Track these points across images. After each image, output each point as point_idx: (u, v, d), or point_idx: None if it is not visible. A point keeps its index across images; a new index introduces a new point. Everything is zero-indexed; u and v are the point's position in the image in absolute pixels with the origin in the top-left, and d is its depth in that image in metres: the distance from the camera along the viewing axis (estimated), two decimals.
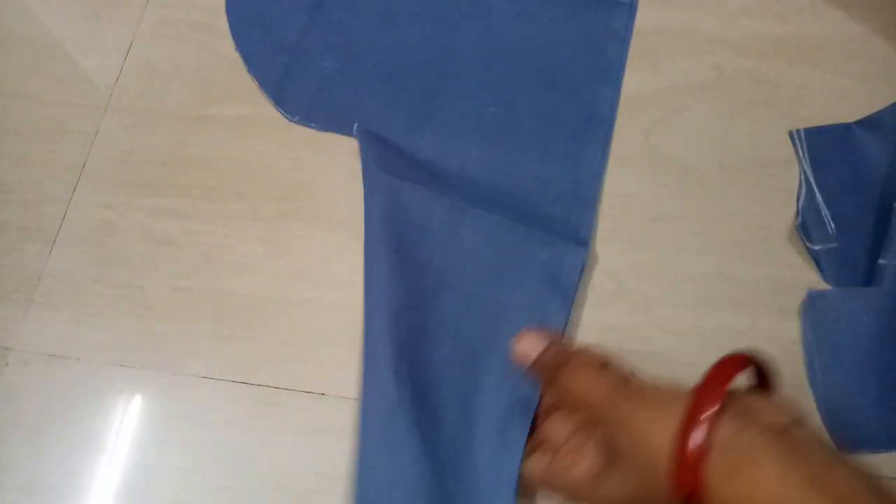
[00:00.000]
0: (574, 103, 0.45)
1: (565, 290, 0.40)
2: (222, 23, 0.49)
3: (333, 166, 0.44)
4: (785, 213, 0.42)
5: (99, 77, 0.48)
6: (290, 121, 0.45)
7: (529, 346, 0.33)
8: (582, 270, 0.40)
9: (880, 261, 0.38)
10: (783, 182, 0.42)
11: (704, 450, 0.26)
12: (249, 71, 0.47)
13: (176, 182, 0.45)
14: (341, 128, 0.45)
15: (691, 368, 0.39)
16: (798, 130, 0.43)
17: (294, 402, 0.39)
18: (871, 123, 0.42)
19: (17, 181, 0.46)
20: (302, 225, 0.43)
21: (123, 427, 0.40)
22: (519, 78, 0.46)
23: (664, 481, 0.27)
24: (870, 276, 0.39)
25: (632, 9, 0.47)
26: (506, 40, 0.47)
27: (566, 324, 0.39)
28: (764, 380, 0.30)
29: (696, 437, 0.26)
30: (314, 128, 0.45)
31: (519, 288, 0.40)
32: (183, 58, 0.48)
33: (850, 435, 0.37)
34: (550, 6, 0.47)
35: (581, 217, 0.42)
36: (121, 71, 0.48)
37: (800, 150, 0.42)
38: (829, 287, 0.39)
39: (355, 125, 0.44)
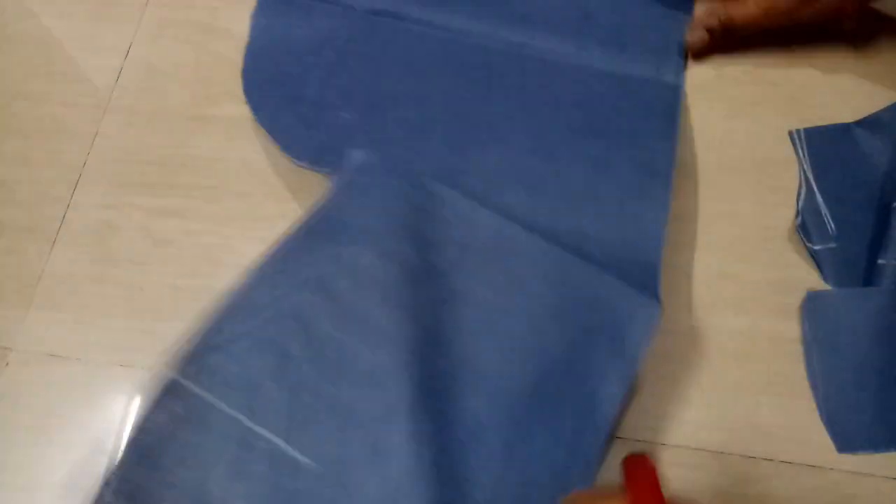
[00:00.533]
0: (626, 154, 0.40)
1: (631, 352, 0.33)
2: (222, 23, 0.49)
3: None
4: (785, 213, 0.42)
5: (99, 77, 0.48)
6: (298, 165, 0.42)
7: None
8: (653, 332, 0.34)
9: (879, 260, 0.38)
10: (783, 182, 0.42)
11: None
12: (258, 121, 0.44)
13: (176, 182, 0.45)
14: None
15: (691, 369, 0.39)
16: (798, 130, 0.43)
17: None
18: (871, 123, 0.42)
19: (17, 181, 0.46)
20: None
21: (123, 427, 0.40)
22: (561, 126, 0.41)
23: None
24: (869, 276, 0.39)
25: (677, 90, 0.43)
26: (545, 94, 0.43)
27: (625, 396, 0.33)
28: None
29: None
30: (325, 172, 0.41)
31: (575, 337, 0.33)
32: (183, 58, 0.48)
33: (850, 434, 0.37)
34: (593, 64, 0.44)
35: (645, 281, 0.35)
36: (121, 71, 0.48)
37: (800, 150, 0.42)
38: (829, 287, 0.39)
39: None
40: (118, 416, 0.40)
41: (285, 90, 0.45)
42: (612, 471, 0.33)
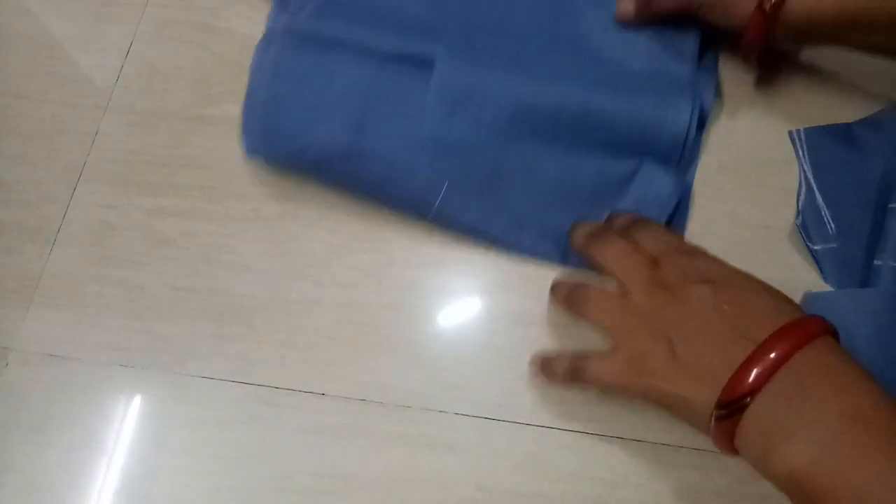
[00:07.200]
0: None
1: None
2: (222, 23, 0.49)
3: None
4: (785, 213, 0.42)
5: (99, 77, 0.48)
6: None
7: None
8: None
9: (875, 262, 0.38)
10: (783, 182, 0.42)
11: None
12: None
13: (176, 182, 0.45)
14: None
15: None
16: (798, 130, 0.43)
17: (294, 402, 0.39)
18: (871, 123, 0.42)
19: (17, 181, 0.46)
20: (301, 225, 0.43)
21: (123, 427, 0.40)
22: None
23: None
24: (867, 277, 0.39)
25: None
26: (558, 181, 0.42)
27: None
28: None
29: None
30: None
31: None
32: (183, 58, 0.48)
33: None
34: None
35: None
36: (121, 71, 0.48)
37: (800, 150, 0.42)
38: (830, 287, 0.39)
39: None
40: (118, 416, 0.40)
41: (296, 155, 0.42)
42: None
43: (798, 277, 0.40)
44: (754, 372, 0.28)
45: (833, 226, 0.40)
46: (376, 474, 0.38)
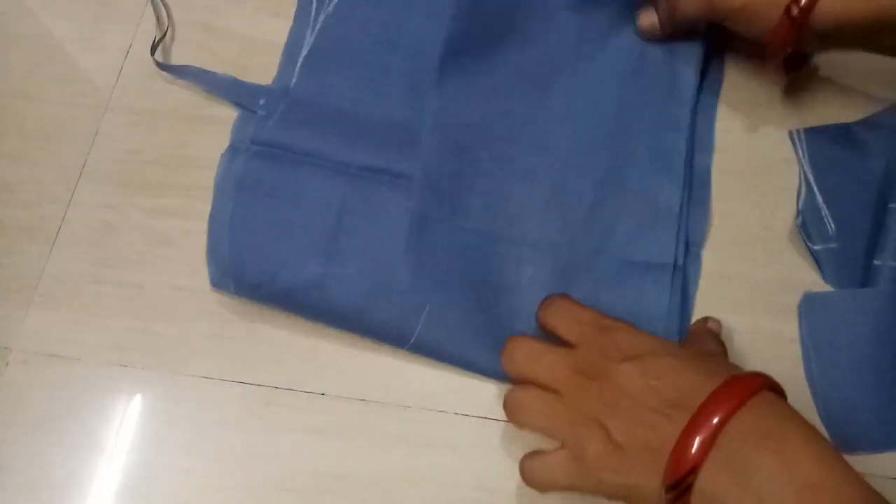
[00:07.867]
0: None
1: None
2: (222, 22, 0.49)
3: None
4: (785, 213, 0.42)
5: (99, 77, 0.48)
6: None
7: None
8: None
9: (875, 262, 0.38)
10: (783, 182, 0.42)
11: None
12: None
13: (176, 182, 0.45)
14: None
15: None
16: (798, 130, 0.43)
17: (294, 402, 0.39)
18: (871, 123, 0.42)
19: (17, 181, 0.46)
20: None
21: (123, 427, 0.40)
22: None
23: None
24: (866, 277, 0.39)
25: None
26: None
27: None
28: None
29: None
30: None
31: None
32: (183, 58, 0.48)
33: (848, 435, 0.37)
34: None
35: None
36: (121, 71, 0.48)
37: (800, 150, 0.42)
38: (829, 287, 0.39)
39: None
40: (118, 415, 0.40)
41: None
42: None
43: (798, 277, 0.40)
44: (696, 440, 0.27)
45: (833, 226, 0.40)
46: (376, 474, 0.38)
